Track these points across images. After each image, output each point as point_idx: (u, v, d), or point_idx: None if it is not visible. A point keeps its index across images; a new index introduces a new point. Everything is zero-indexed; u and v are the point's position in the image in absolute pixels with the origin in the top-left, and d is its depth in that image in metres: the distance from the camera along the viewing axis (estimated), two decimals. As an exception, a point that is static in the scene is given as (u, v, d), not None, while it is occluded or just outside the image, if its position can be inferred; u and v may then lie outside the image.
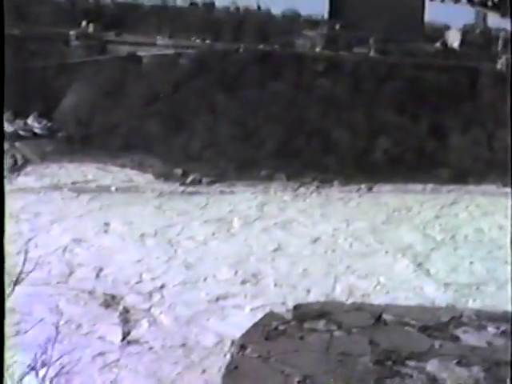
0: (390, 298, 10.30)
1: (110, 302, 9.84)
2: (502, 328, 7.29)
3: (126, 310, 9.12)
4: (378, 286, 12.68)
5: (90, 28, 23.80)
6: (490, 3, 51.81)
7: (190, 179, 22.54)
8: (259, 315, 8.74)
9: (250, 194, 20.60)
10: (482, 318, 7.31)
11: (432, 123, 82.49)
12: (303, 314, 7.35)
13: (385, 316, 7.29)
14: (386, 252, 16.11)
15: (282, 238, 16.22)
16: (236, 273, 12.51)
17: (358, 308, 7.76)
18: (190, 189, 21.70)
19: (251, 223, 17.48)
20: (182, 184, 21.94)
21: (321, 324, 7.14)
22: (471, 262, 15.02)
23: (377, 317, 7.34)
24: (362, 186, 30.84)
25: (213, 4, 33.43)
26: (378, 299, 9.95)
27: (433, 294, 12.19)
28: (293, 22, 36.33)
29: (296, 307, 7.52)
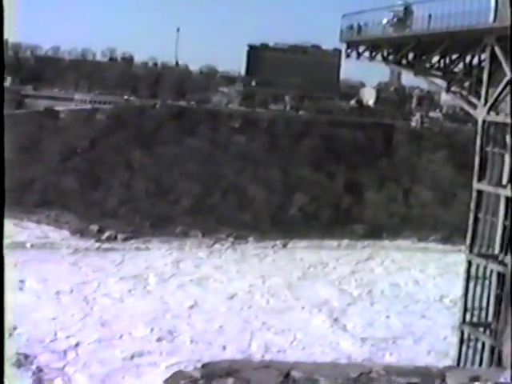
0: (306, 353, 10.60)
1: (22, 361, 9.85)
2: (412, 382, 7.59)
3: (40, 370, 9.18)
4: (294, 341, 12.98)
5: (8, 82, 23.72)
6: (403, 61, 53.38)
7: (105, 235, 22.61)
8: (174, 372, 8.87)
9: (166, 251, 20.76)
10: (392, 373, 7.61)
11: (348, 180, 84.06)
12: (212, 372, 7.54)
13: (293, 373, 7.53)
14: (303, 308, 16.41)
15: (198, 295, 16.38)
16: (152, 330, 12.61)
17: (267, 365, 7.98)
18: (106, 245, 21.78)
19: (167, 280, 17.67)
20: (98, 240, 21.99)
21: (229, 382, 7.35)
22: (388, 317, 15.38)
23: (285, 374, 7.58)
24: (278, 242, 31.08)
25: (131, 59, 33.69)
26: (294, 355, 10.25)
27: (349, 348, 12.54)
28: (210, 78, 36.87)
29: (204, 365, 7.70)
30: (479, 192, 46.17)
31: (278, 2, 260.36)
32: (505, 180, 44.86)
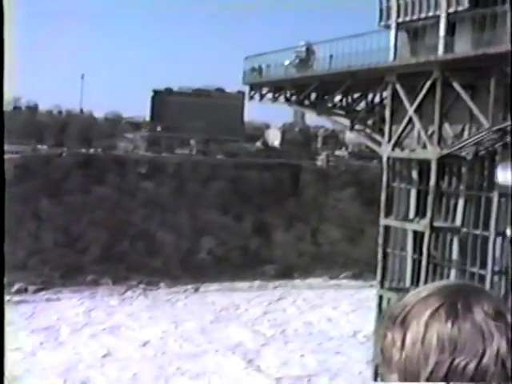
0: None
1: None
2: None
3: None
4: (209, 385, 12.83)
5: None
6: (306, 102, 54.15)
7: (15, 288, 22.05)
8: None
9: (77, 301, 20.37)
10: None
11: (256, 221, 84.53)
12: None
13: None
14: (216, 351, 16.28)
15: (111, 343, 16.07)
16: (65, 382, 12.28)
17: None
18: (16, 298, 21.23)
19: (79, 330, 17.31)
20: (8, 294, 21.42)
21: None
22: (302, 355, 15.35)
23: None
24: (189, 286, 30.79)
25: (36, 107, 33.25)
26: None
27: (264, 388, 12.46)
28: (115, 124, 36.65)
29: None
30: (387, 227, 46.91)
31: (182, 47, 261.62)
32: (411, 214, 45.74)
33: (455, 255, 43.45)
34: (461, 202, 42.95)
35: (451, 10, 41.19)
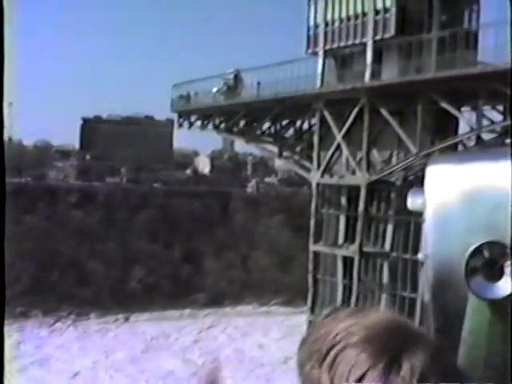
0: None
1: None
2: None
3: None
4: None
5: None
6: (235, 129, 53.81)
7: None
8: None
9: (6, 334, 19.37)
10: None
11: (186, 249, 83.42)
12: None
13: None
14: (147, 381, 15.59)
15: (41, 376, 15.24)
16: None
17: None
18: None
19: (7, 364, 16.42)
20: None
21: None
22: (233, 383, 14.89)
23: None
24: (120, 316, 30.00)
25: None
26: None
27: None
28: (45, 153, 35.66)
29: None
30: (316, 253, 46.70)
31: (111, 74, 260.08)
32: (341, 240, 45.58)
33: (385, 280, 43.51)
34: (390, 227, 43.11)
35: (378, 37, 41.49)
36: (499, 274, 1.78)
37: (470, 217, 1.85)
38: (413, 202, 2.05)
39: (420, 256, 1.99)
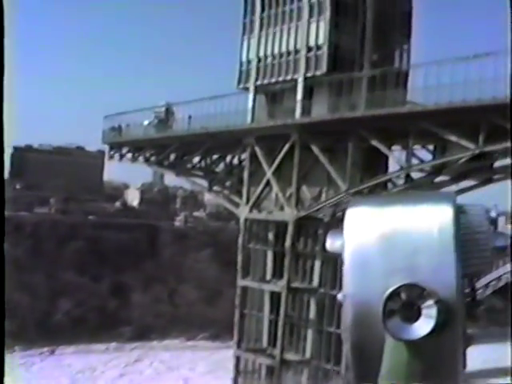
0: None
1: None
2: None
3: None
4: None
5: None
6: (166, 162, 52.95)
7: None
8: None
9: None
10: None
11: (114, 282, 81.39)
12: None
13: None
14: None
15: None
16: None
17: None
18: None
19: None
20: None
21: None
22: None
23: None
24: (45, 349, 28.76)
25: None
26: None
27: None
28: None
29: None
30: (244, 288, 46.08)
31: (43, 104, 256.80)
32: (268, 275, 45.03)
33: (312, 315, 43.09)
34: (317, 263, 42.80)
35: (309, 74, 41.45)
36: (416, 316, 1.78)
37: (388, 259, 1.84)
38: (332, 243, 2.00)
39: (339, 296, 1.89)
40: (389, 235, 1.85)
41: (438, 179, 39.87)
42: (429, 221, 1.83)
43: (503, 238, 1.91)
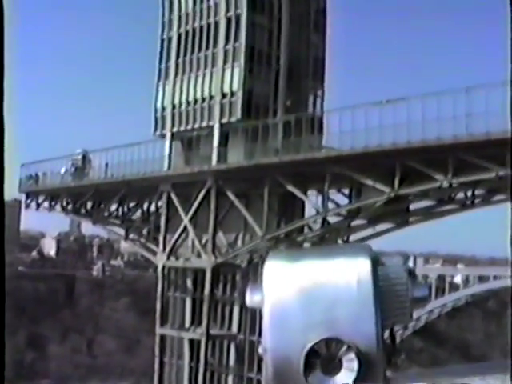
0: None
1: None
2: None
3: None
4: None
5: None
6: (82, 211, 51.33)
7: None
8: None
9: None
10: None
11: (30, 334, 78.03)
12: None
13: None
14: None
15: None
16: None
17: None
18: None
19: None
20: None
21: None
22: None
23: None
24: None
25: None
26: None
27: None
28: None
29: None
30: (163, 336, 44.84)
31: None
32: (187, 323, 43.90)
33: (232, 362, 42.25)
34: (236, 309, 42.11)
35: (224, 120, 40.99)
36: (337, 369, 1.74)
37: (307, 313, 1.79)
38: (251, 298, 1.89)
39: (260, 350, 1.78)
40: (307, 289, 1.80)
41: (355, 223, 39.65)
42: (347, 274, 1.79)
43: (422, 289, 1.88)
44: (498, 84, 30.45)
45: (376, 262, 1.82)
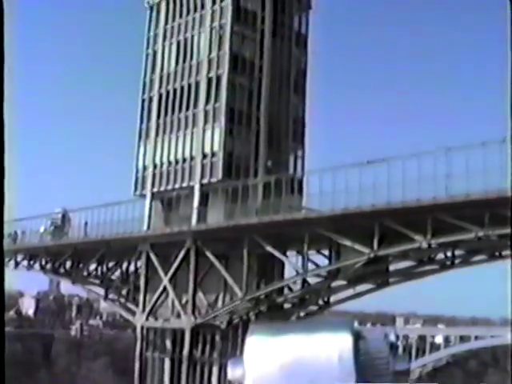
0: None
1: None
2: None
3: None
4: None
5: None
6: (61, 270, 50.61)
7: None
8: None
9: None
10: None
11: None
12: None
13: None
14: None
15: None
16: None
17: None
18: None
19: None
20: None
21: None
22: None
23: None
24: None
25: None
26: None
27: None
28: None
29: None
30: (141, 398, 43.81)
31: None
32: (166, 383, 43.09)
33: (211, 424, 41.36)
34: (215, 370, 41.44)
35: (205, 181, 40.89)
36: None
37: None
38: (232, 372, 1.91)
39: None
40: (289, 364, 1.79)
41: (335, 284, 39.32)
42: (328, 348, 1.78)
43: (403, 362, 1.88)
44: (477, 145, 30.74)
45: (358, 337, 1.82)
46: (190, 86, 43.04)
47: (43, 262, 52.05)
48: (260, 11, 43.72)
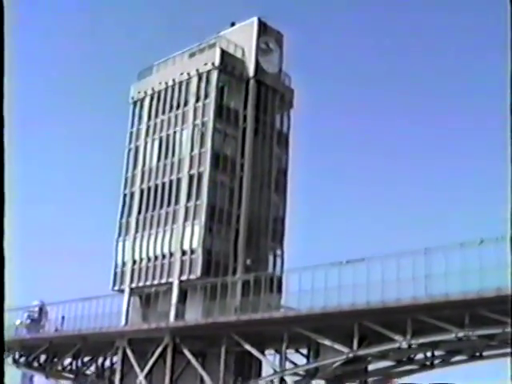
0: None
1: None
2: None
3: None
4: None
5: None
6: (35, 364, 49.08)
7: None
8: None
9: None
10: None
11: None
12: None
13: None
14: None
15: None
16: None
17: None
18: None
19: None
20: None
21: None
22: None
23: None
24: None
25: None
26: None
27: None
28: None
29: None
30: None
31: None
32: None
33: None
34: None
35: (184, 277, 40.20)
36: None
37: None
38: None
39: None
40: None
41: (313, 383, 38.23)
42: None
43: None
44: (455, 246, 30.40)
45: None
46: (171, 182, 42.75)
47: (17, 356, 50.43)
48: (242, 109, 43.80)
